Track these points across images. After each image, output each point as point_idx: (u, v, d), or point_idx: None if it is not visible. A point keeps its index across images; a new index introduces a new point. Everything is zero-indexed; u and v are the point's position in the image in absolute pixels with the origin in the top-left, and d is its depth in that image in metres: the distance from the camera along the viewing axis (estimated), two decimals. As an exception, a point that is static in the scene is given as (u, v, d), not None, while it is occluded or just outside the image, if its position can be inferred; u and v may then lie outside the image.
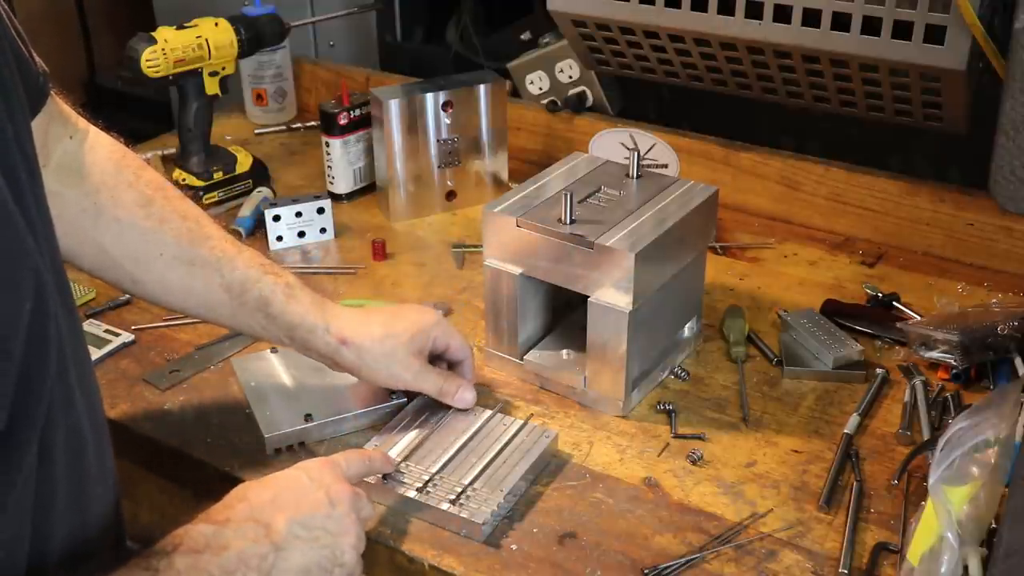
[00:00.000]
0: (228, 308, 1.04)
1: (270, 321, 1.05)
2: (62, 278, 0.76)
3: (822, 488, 1.03)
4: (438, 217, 1.57)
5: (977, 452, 0.92)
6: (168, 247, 1.02)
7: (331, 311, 1.07)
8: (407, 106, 1.50)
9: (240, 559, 0.78)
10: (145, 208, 1.02)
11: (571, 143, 1.65)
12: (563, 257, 1.11)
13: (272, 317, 1.04)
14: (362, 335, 1.06)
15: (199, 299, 1.04)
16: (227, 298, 1.04)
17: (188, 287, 1.04)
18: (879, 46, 1.26)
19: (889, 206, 1.46)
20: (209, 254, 1.03)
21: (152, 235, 1.02)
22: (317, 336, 1.05)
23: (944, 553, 0.85)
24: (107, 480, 0.81)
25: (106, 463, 0.81)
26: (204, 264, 1.03)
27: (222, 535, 0.78)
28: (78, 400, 0.75)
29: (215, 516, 0.80)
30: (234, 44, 1.55)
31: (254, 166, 1.63)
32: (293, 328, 1.05)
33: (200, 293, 1.04)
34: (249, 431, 1.11)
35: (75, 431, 0.75)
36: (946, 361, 1.18)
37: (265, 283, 1.04)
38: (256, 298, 1.04)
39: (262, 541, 0.80)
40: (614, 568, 0.95)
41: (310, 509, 0.85)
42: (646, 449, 1.10)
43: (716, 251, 1.45)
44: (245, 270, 1.04)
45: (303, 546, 0.83)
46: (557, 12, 1.46)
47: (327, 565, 0.84)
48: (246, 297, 1.04)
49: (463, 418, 1.10)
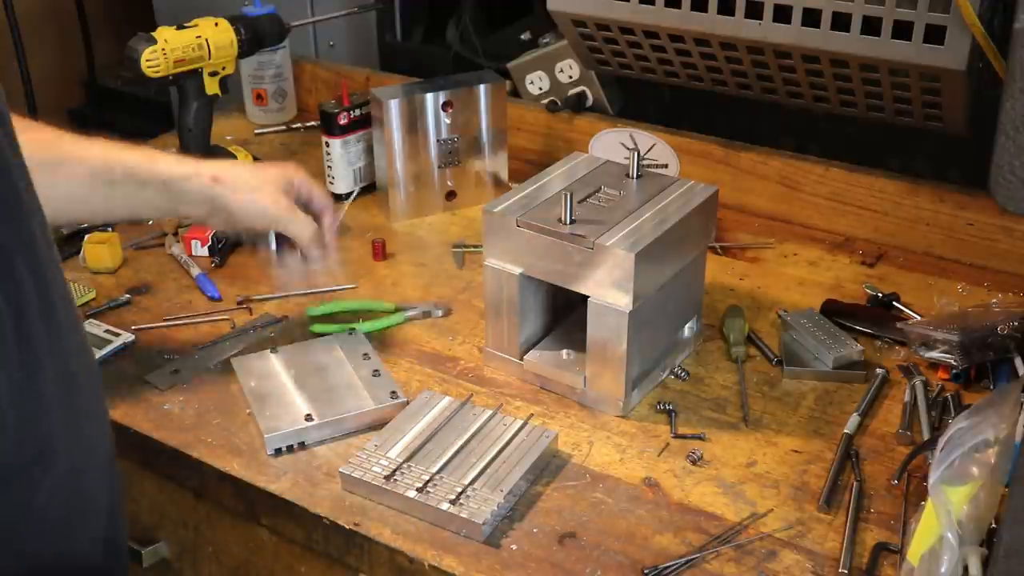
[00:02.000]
0: (99, 193, 1.08)
1: (141, 187, 1.09)
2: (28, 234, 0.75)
3: (822, 488, 1.03)
4: (438, 217, 1.57)
5: (977, 452, 0.92)
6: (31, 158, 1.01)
7: (197, 161, 1.15)
8: (407, 106, 1.50)
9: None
10: None
11: (571, 143, 1.65)
12: (563, 257, 1.11)
13: (143, 183, 1.09)
14: (233, 175, 1.14)
15: (71, 199, 1.07)
16: (94, 183, 1.08)
17: (56, 191, 1.02)
18: (879, 46, 1.26)
19: (889, 206, 1.46)
20: (64, 152, 1.07)
21: None
22: (191, 183, 1.12)
23: (944, 553, 0.85)
24: (102, 420, 0.83)
25: (99, 417, 0.83)
26: (63, 161, 1.06)
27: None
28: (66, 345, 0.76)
29: None
30: (234, 44, 1.55)
31: (254, 166, 1.63)
32: (167, 183, 1.11)
33: (69, 193, 1.06)
34: (249, 431, 1.12)
35: (65, 378, 0.76)
36: (946, 361, 1.18)
37: (125, 156, 1.09)
38: (122, 172, 1.09)
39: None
40: (614, 568, 0.95)
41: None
42: (646, 449, 1.10)
43: (716, 251, 1.45)
44: (101, 152, 1.09)
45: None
46: (557, 12, 1.46)
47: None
48: (112, 175, 1.08)
49: (463, 418, 1.10)
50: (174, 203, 1.13)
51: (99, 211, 1.14)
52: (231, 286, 1.38)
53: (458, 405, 1.12)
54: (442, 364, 1.24)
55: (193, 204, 1.13)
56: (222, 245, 1.44)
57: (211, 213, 1.15)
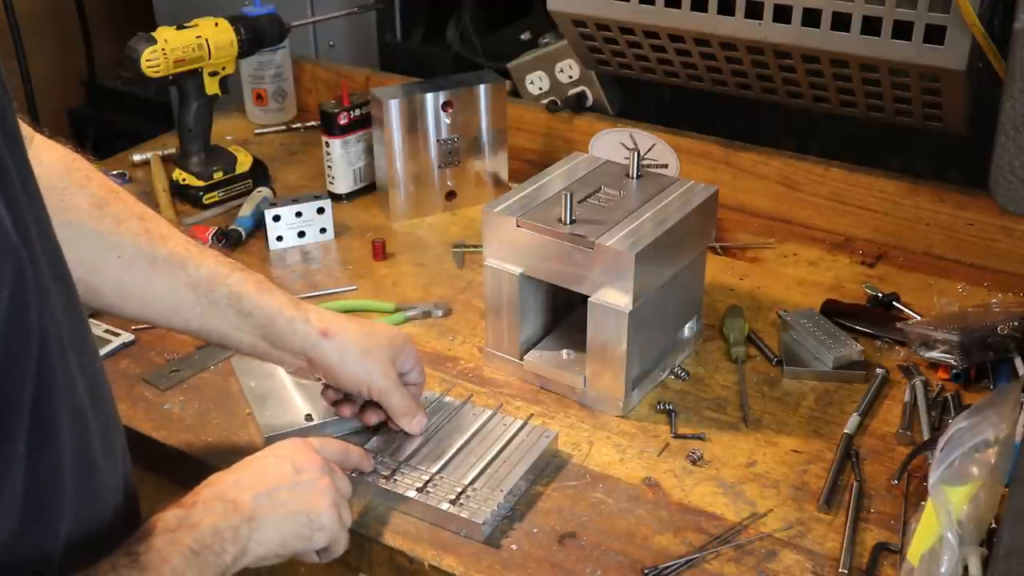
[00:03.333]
0: (196, 308, 0.98)
1: (243, 318, 0.99)
2: (59, 266, 0.75)
3: (822, 488, 1.03)
4: (438, 217, 1.57)
5: (977, 452, 0.92)
6: (126, 248, 0.96)
7: (308, 306, 1.03)
8: (407, 106, 1.50)
9: (214, 532, 0.79)
10: (99, 209, 0.96)
11: (571, 143, 1.65)
12: (563, 257, 1.11)
13: (245, 314, 0.99)
14: (345, 329, 1.02)
15: (162, 302, 0.98)
16: (194, 297, 0.98)
17: (149, 289, 0.97)
18: (879, 46, 1.26)
19: (889, 206, 1.46)
20: (171, 252, 0.97)
21: (108, 237, 0.96)
22: (296, 328, 1.00)
23: (944, 553, 0.85)
24: (114, 456, 0.81)
25: (114, 446, 0.81)
26: (167, 262, 0.97)
27: (191, 515, 0.80)
28: (78, 380, 0.75)
29: (183, 501, 0.82)
30: (234, 44, 1.55)
31: (254, 166, 1.63)
32: (270, 322, 0.99)
33: (163, 295, 0.97)
34: (249, 431, 1.12)
35: (78, 412, 0.75)
36: (946, 361, 1.18)
37: (235, 279, 0.99)
38: (227, 295, 0.98)
39: (232, 515, 0.81)
40: (614, 568, 0.95)
41: (275, 481, 0.85)
42: (646, 449, 1.10)
43: (716, 251, 1.45)
44: (213, 267, 0.98)
45: (273, 516, 0.84)
46: (557, 12, 1.46)
47: (304, 531, 0.85)
48: (216, 295, 0.98)
49: (463, 418, 1.10)
50: (268, 345, 1.00)
51: (191, 327, 1.00)
52: (231, 286, 1.38)
53: (458, 405, 1.12)
54: (442, 364, 1.24)
55: (288, 352, 1.01)
56: (222, 245, 1.44)
57: (311, 366, 1.02)
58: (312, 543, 0.87)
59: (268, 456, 0.89)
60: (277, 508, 0.84)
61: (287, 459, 0.88)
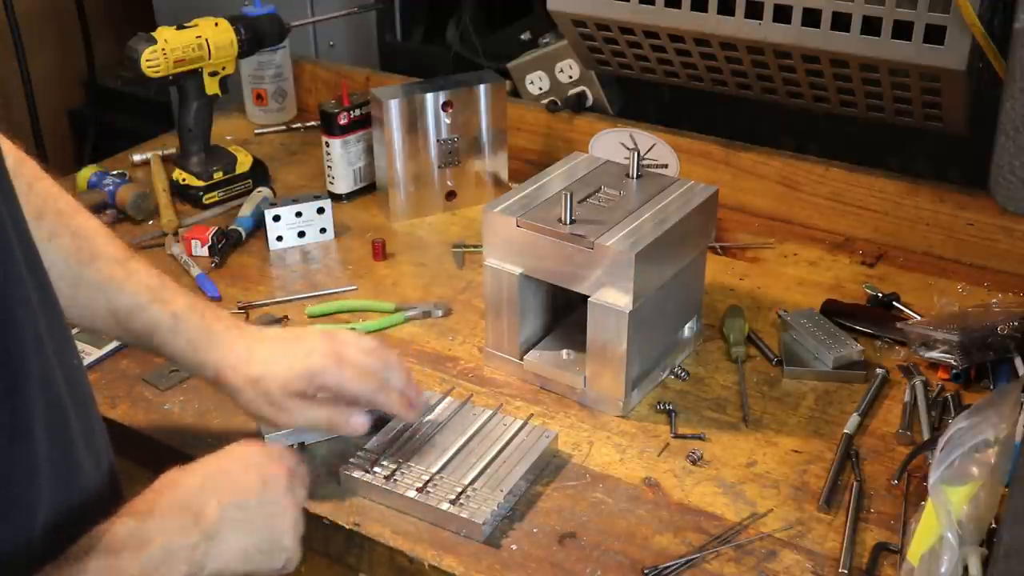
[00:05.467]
0: (115, 331, 1.03)
1: (157, 349, 1.03)
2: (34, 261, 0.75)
3: (822, 488, 1.03)
4: (438, 217, 1.57)
5: (977, 452, 0.92)
6: (55, 265, 0.94)
7: (215, 345, 1.02)
8: (407, 106, 1.50)
9: (167, 553, 0.76)
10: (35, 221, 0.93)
11: (571, 143, 1.65)
12: (563, 257, 1.11)
13: (157, 347, 1.02)
14: (238, 377, 1.01)
15: (87, 321, 1.02)
16: (113, 322, 1.01)
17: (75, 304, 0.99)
18: (879, 46, 1.26)
19: (889, 206, 1.46)
20: (95, 276, 0.99)
21: None
22: (198, 373, 1.04)
23: (944, 553, 0.85)
24: (96, 451, 0.81)
25: (93, 434, 0.80)
26: (88, 286, 0.99)
27: (145, 530, 0.77)
28: (56, 374, 0.74)
29: (139, 507, 0.79)
30: (234, 44, 1.55)
31: (254, 166, 1.63)
32: (176, 361, 1.04)
33: (86, 316, 1.01)
34: (249, 431, 1.11)
35: (56, 405, 0.74)
36: (946, 361, 1.18)
37: (151, 312, 1.01)
38: (141, 327, 1.01)
39: (191, 530, 0.79)
40: (614, 568, 0.95)
41: (243, 494, 0.84)
42: (646, 449, 1.10)
43: (716, 251, 1.45)
44: (132, 295, 1.00)
45: (239, 529, 0.82)
46: (557, 12, 1.46)
47: (266, 548, 0.84)
48: (131, 324, 1.01)
49: (463, 418, 1.10)
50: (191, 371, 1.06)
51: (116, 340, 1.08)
52: (231, 286, 1.38)
53: (458, 405, 1.12)
54: (442, 364, 1.24)
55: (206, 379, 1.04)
56: (222, 245, 1.44)
57: None
58: (273, 561, 0.85)
59: (237, 461, 0.87)
60: (242, 524, 0.82)
61: (255, 469, 0.86)
